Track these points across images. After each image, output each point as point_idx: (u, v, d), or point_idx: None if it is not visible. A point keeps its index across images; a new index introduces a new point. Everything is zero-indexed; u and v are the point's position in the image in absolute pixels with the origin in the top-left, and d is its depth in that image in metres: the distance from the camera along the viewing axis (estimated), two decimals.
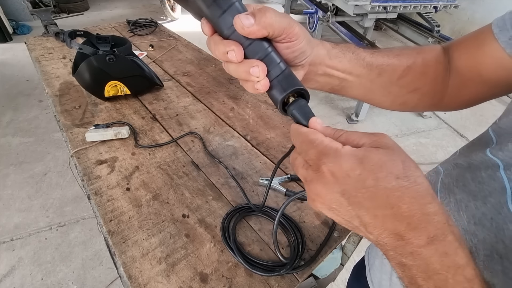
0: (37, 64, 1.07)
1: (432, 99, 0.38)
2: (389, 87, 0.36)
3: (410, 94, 0.37)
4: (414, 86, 0.36)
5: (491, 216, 0.23)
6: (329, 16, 2.53)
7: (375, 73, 0.34)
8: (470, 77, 0.33)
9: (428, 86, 0.37)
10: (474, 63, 0.32)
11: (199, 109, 0.87)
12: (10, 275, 1.23)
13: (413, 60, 0.36)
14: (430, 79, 0.36)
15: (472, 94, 0.35)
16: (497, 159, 0.24)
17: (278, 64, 0.25)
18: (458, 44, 0.35)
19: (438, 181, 0.30)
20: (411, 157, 0.20)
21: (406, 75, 0.35)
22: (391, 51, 0.36)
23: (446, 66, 0.36)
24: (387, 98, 0.38)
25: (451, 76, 0.36)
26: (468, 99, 0.36)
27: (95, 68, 0.80)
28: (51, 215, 1.47)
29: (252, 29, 0.23)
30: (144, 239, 0.51)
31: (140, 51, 1.21)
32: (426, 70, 0.36)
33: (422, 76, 0.36)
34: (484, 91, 0.34)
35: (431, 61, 0.36)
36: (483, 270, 0.22)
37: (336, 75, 0.33)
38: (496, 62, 0.30)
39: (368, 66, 0.34)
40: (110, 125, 0.76)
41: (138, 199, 0.58)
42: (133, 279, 0.45)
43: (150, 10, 4.47)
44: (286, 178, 0.63)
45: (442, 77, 0.36)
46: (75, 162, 0.67)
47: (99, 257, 1.30)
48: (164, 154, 0.70)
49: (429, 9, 2.18)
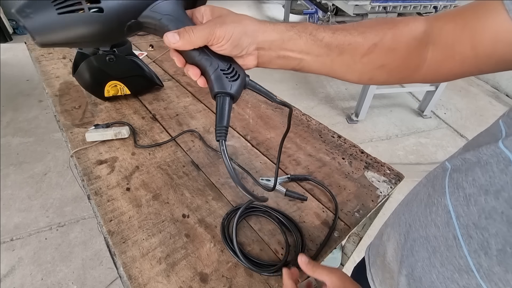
0: (37, 64, 1.07)
1: (403, 73, 0.37)
2: (352, 65, 0.36)
3: (376, 70, 0.36)
4: (381, 63, 0.35)
5: (501, 210, 0.23)
6: (329, 16, 2.53)
7: (335, 52, 0.34)
8: (460, 51, 0.31)
9: (397, 62, 0.35)
10: (469, 35, 0.30)
11: (199, 109, 0.87)
12: (10, 275, 1.23)
13: (381, 36, 0.34)
14: (400, 55, 0.35)
15: (455, 69, 0.33)
16: (509, 152, 0.24)
17: (211, 65, 0.32)
18: (451, 15, 0.32)
19: (445, 176, 0.29)
20: (411, 157, 0.20)
21: (370, 52, 0.35)
22: (356, 27, 0.35)
23: (423, 40, 0.34)
24: (352, 75, 0.38)
25: (432, 50, 0.34)
26: (448, 73, 0.34)
27: (95, 68, 0.80)
28: (51, 215, 1.47)
29: (178, 44, 0.31)
30: (144, 239, 0.51)
31: (140, 51, 1.21)
32: (396, 46, 0.35)
33: (390, 52, 0.35)
34: (470, 67, 0.32)
35: (404, 36, 0.34)
36: (495, 265, 0.22)
37: (293, 56, 0.34)
38: (499, 36, 0.27)
39: (327, 46, 0.34)
40: (110, 125, 0.76)
41: (138, 199, 0.58)
42: (133, 279, 0.45)
43: None
44: (286, 178, 0.63)
45: (417, 52, 0.34)
46: (75, 162, 0.67)
47: (99, 257, 1.30)
48: (164, 154, 0.70)
49: (429, 9, 2.18)
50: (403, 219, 0.35)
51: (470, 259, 0.24)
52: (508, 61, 0.28)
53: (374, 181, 0.65)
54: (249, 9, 4.65)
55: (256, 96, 0.94)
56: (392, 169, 0.69)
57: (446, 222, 0.27)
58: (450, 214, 0.26)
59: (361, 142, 2.05)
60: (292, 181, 0.64)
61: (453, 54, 0.32)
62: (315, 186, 0.63)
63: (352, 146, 0.75)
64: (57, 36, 0.25)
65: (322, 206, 0.59)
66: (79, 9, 0.24)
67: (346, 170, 0.67)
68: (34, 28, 0.24)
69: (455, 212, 0.26)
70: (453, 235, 0.26)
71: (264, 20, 0.34)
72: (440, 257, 0.27)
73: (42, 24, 0.24)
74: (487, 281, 0.23)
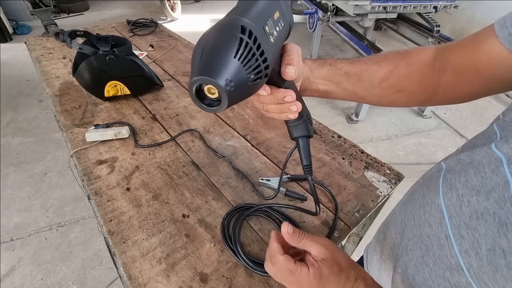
0: (37, 64, 1.07)
1: (421, 96, 0.41)
2: (371, 90, 0.41)
3: (396, 94, 0.41)
4: (399, 87, 0.40)
5: (493, 210, 0.23)
6: (329, 16, 2.53)
7: (354, 79, 0.41)
8: (467, 73, 0.35)
9: (414, 86, 0.40)
10: (472, 59, 0.34)
11: (199, 109, 0.87)
12: (10, 275, 1.23)
13: (395, 64, 0.40)
14: (415, 79, 0.40)
15: (466, 90, 0.37)
16: (500, 154, 0.25)
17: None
18: (455, 45, 0.37)
19: (440, 176, 0.30)
20: (411, 157, 0.21)
21: (387, 78, 0.40)
22: (371, 58, 0.41)
23: (435, 66, 0.39)
24: (373, 98, 0.43)
25: (444, 75, 0.38)
26: (463, 95, 0.38)
27: (95, 68, 0.80)
28: (51, 215, 1.47)
29: (297, 70, 0.34)
30: (144, 239, 0.51)
31: (140, 51, 1.21)
32: (410, 72, 0.40)
33: (405, 78, 0.40)
34: (479, 87, 0.36)
35: (416, 63, 0.40)
36: (485, 265, 0.23)
37: (320, 83, 0.41)
38: (493, 57, 0.32)
39: (346, 74, 0.40)
40: (110, 125, 0.76)
41: (138, 199, 0.58)
42: (133, 279, 0.45)
43: (150, 10, 4.47)
44: (286, 178, 0.63)
45: (431, 77, 0.39)
46: (75, 162, 0.67)
47: (99, 257, 1.30)
48: (164, 154, 0.70)
49: (429, 9, 2.18)
50: (399, 218, 0.36)
51: (461, 258, 0.25)
52: (510, 80, 0.32)
53: (374, 181, 0.65)
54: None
55: None
56: (392, 169, 0.69)
57: (439, 222, 0.27)
58: (443, 214, 0.27)
59: (361, 142, 2.05)
60: (292, 181, 0.64)
61: (462, 77, 0.36)
62: (315, 186, 0.63)
63: (352, 146, 0.75)
64: (240, 98, 0.27)
65: (322, 206, 0.59)
66: (264, 75, 0.27)
67: (346, 170, 0.67)
68: (231, 99, 0.24)
69: (448, 212, 0.27)
70: (445, 234, 0.27)
71: None
72: (433, 256, 0.28)
73: (238, 94, 0.25)
74: (477, 280, 0.24)
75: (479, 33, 0.34)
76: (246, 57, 0.24)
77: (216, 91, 0.24)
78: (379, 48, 2.03)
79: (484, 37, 0.33)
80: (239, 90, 0.24)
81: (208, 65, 0.23)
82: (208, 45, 0.24)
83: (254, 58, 0.24)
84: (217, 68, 0.23)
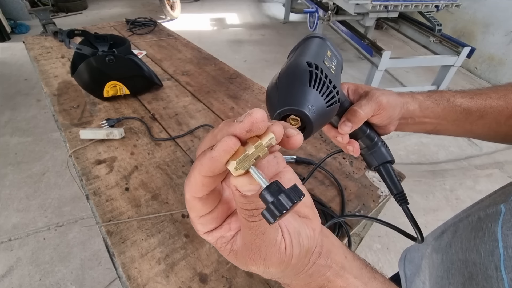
0: (36, 63, 1.06)
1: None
2: (495, 128, 0.36)
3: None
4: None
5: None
6: (330, 15, 2.53)
7: (475, 116, 0.36)
8: None
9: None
10: None
11: (199, 108, 0.86)
12: (8, 275, 1.22)
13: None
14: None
15: None
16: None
17: (372, 139, 0.36)
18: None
19: (504, 201, 0.27)
20: (412, 157, 0.20)
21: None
22: (496, 91, 0.36)
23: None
24: (496, 136, 0.38)
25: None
26: None
27: (95, 69, 0.79)
28: (50, 215, 1.46)
29: (353, 128, 0.32)
30: (143, 239, 0.51)
31: (139, 50, 1.21)
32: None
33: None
34: None
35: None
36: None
37: (429, 122, 0.36)
38: None
39: (466, 111, 0.35)
40: (121, 119, 0.79)
41: (137, 199, 0.58)
42: (132, 279, 0.45)
43: (149, 9, 4.45)
44: (291, 159, 0.65)
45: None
46: (74, 162, 0.66)
47: (98, 258, 1.29)
48: (163, 154, 0.69)
49: (430, 8, 2.17)
50: (445, 238, 0.33)
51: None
52: None
53: (375, 181, 0.65)
54: (249, 8, 4.65)
55: (256, 95, 0.93)
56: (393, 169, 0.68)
57: (491, 251, 0.25)
58: (498, 243, 0.25)
59: None
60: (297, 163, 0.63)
61: None
62: (316, 186, 0.62)
63: None
64: (321, 124, 0.29)
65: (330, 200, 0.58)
66: (337, 100, 0.29)
67: (347, 170, 0.67)
68: (316, 125, 0.26)
69: (504, 242, 0.24)
70: (495, 265, 0.24)
71: (405, 92, 0.36)
72: (476, 285, 0.25)
73: (319, 119, 0.27)
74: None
75: None
76: (319, 85, 0.27)
77: (298, 120, 0.26)
78: (380, 47, 2.02)
79: None
80: (319, 115, 0.26)
81: (289, 97, 0.25)
82: (283, 82, 0.27)
83: (325, 85, 0.27)
84: (298, 98, 0.25)
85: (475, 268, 0.26)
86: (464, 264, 0.27)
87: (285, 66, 0.29)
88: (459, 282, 0.27)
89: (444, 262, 0.31)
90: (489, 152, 2.00)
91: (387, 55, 1.95)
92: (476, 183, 1.75)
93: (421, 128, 0.37)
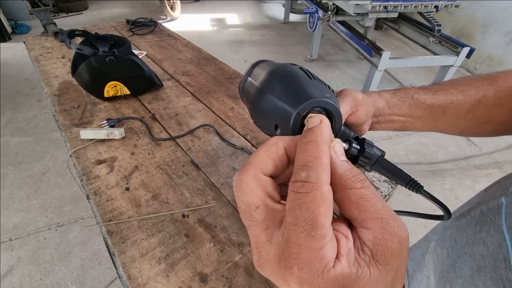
0: (36, 63, 1.07)
1: (510, 125, 0.37)
2: (456, 122, 0.37)
3: (482, 125, 0.37)
4: (486, 118, 0.36)
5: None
6: (330, 15, 2.53)
7: (438, 112, 0.36)
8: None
9: (504, 116, 0.36)
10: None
11: (199, 108, 0.86)
12: (9, 275, 1.22)
13: (483, 92, 0.35)
14: (506, 109, 0.35)
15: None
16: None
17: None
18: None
19: (505, 195, 0.28)
20: (412, 157, 0.20)
21: (475, 109, 0.36)
22: (456, 86, 0.36)
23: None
24: (455, 130, 0.39)
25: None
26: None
27: (95, 69, 0.79)
28: (50, 215, 1.46)
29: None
30: (144, 239, 0.51)
31: (139, 50, 1.21)
32: (501, 101, 0.35)
33: (495, 107, 0.35)
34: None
35: (507, 90, 0.35)
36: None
37: (397, 120, 0.37)
38: None
39: (429, 107, 0.36)
40: (121, 120, 0.79)
41: (137, 199, 0.58)
42: (132, 279, 0.45)
43: (149, 10, 4.46)
44: None
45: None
46: (74, 162, 0.66)
47: (98, 257, 1.30)
48: (164, 153, 0.69)
49: (430, 9, 2.18)
50: (449, 233, 0.34)
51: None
52: None
53: (374, 181, 0.65)
54: (249, 9, 4.65)
55: None
56: None
57: (499, 243, 0.25)
58: (504, 236, 0.25)
59: None
60: None
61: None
62: None
63: None
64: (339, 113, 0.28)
65: None
66: (333, 90, 0.27)
67: None
68: (338, 111, 0.25)
69: (510, 234, 0.25)
70: (503, 257, 0.24)
71: (370, 91, 0.36)
72: (484, 277, 0.26)
73: (337, 106, 0.26)
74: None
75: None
76: (315, 77, 0.25)
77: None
78: (379, 48, 2.03)
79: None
80: (336, 101, 0.24)
81: (301, 94, 0.23)
82: (282, 85, 0.24)
83: (318, 78, 0.25)
84: (311, 91, 0.23)
85: (483, 260, 0.26)
86: (471, 257, 0.28)
87: (267, 76, 0.25)
88: (467, 274, 0.28)
89: (450, 256, 0.31)
90: (488, 152, 2.00)
91: (386, 55, 1.95)
92: (476, 182, 1.75)
93: (390, 126, 0.38)
